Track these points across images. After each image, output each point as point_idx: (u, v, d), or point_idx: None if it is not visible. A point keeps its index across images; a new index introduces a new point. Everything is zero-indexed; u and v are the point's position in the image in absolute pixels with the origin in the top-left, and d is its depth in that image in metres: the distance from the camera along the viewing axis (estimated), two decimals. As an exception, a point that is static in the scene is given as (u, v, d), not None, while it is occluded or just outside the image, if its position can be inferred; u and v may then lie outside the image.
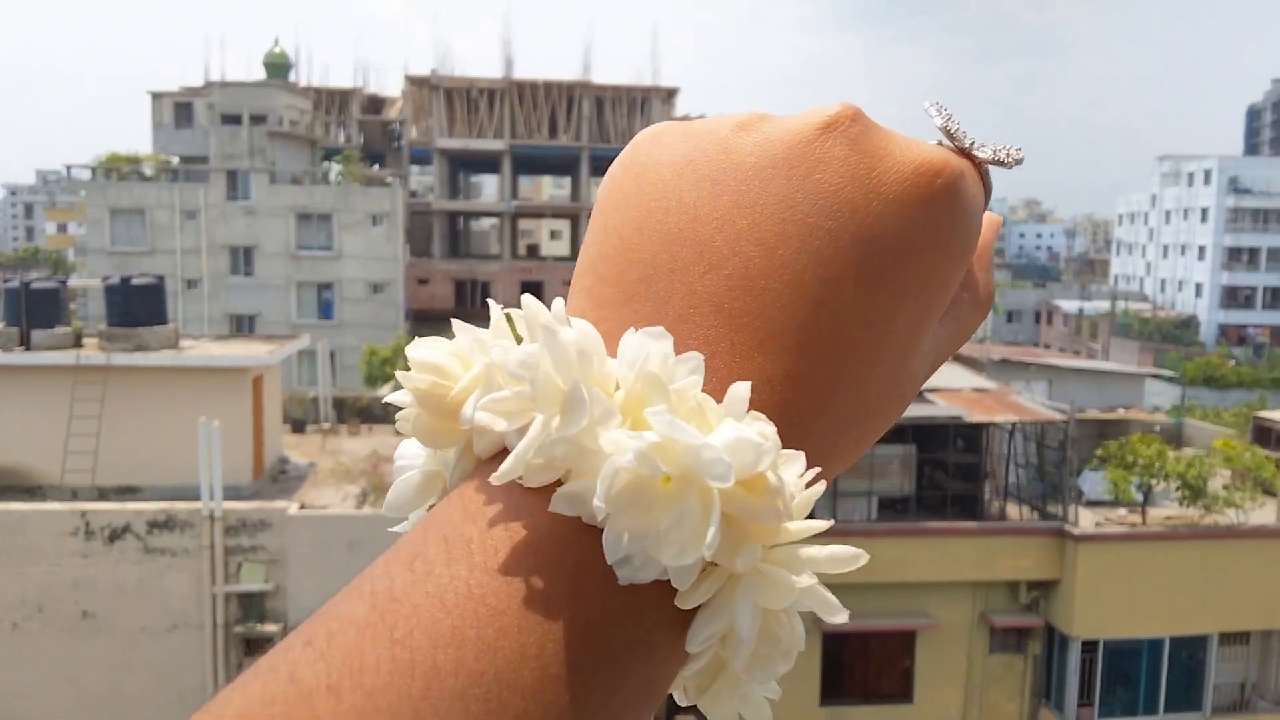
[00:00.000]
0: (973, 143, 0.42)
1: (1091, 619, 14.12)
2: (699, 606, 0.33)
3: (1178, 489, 14.91)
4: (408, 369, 0.37)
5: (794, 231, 0.36)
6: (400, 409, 0.38)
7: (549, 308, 0.35)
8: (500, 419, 0.34)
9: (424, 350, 0.37)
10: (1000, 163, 0.43)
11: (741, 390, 0.32)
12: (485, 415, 0.34)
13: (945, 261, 0.39)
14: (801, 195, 0.37)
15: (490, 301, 0.38)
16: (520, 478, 0.33)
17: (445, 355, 0.37)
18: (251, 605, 11.88)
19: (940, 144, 0.41)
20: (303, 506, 12.42)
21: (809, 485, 0.33)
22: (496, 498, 0.34)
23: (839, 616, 0.34)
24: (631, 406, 0.33)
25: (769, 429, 0.32)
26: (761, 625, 0.34)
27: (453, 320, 0.39)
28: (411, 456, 0.39)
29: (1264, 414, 19.78)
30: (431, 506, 0.38)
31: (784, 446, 0.32)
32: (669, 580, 0.32)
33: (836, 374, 0.36)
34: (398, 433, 0.39)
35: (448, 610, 0.31)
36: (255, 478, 13.68)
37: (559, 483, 0.33)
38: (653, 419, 0.31)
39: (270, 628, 11.73)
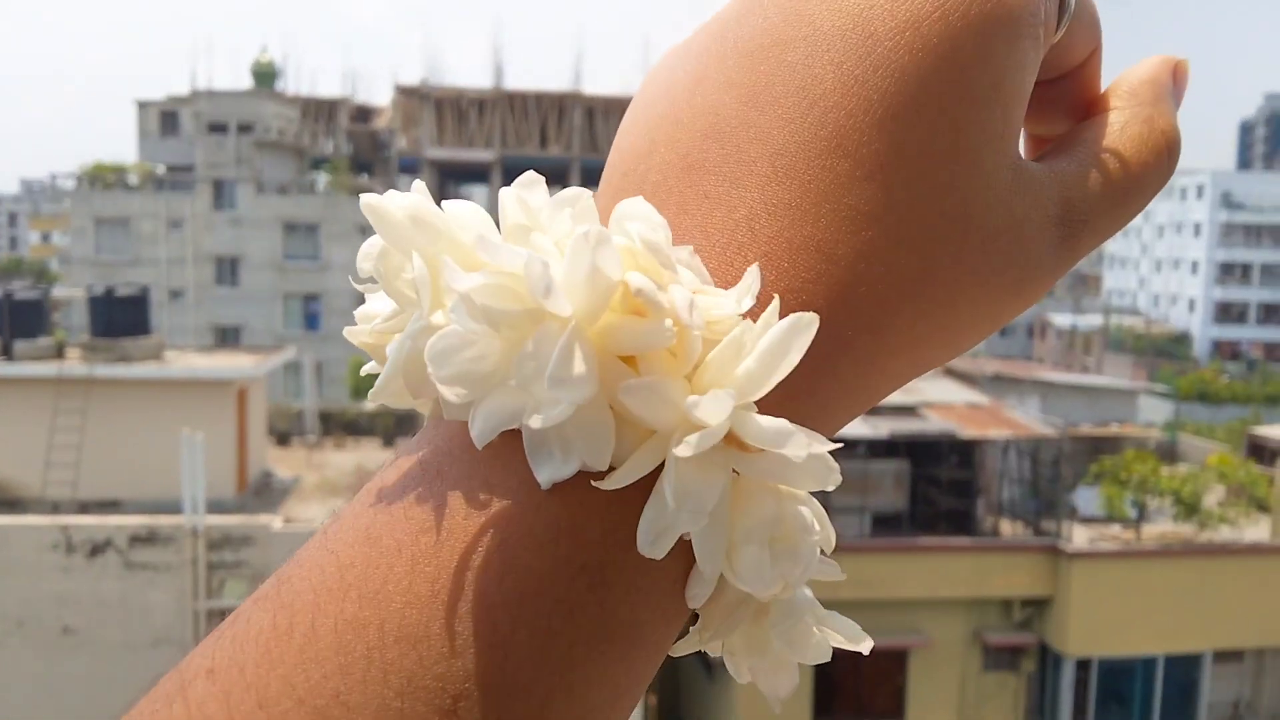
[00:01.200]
0: None
1: (1085, 637, 14.04)
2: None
3: (1172, 505, 14.86)
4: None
5: (768, 55, 0.31)
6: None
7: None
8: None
9: (370, 302, 0.32)
10: None
11: (625, 206, 0.27)
12: (392, 342, 0.29)
13: (966, 34, 0.31)
14: (777, 17, 0.32)
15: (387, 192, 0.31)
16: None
17: (383, 303, 0.32)
18: (234, 622, 11.70)
19: None
20: (287, 521, 12.26)
21: (765, 309, 0.27)
22: (423, 430, 0.30)
23: (793, 445, 0.25)
24: None
25: (639, 226, 0.26)
26: (734, 508, 0.27)
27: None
28: None
29: (1258, 430, 19.75)
30: None
31: (780, 288, 0.28)
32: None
33: (837, 196, 0.30)
34: (384, 445, 0.32)
35: (339, 561, 0.27)
36: (239, 492, 13.58)
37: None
38: (478, 248, 0.25)
39: (253, 645, 11.54)
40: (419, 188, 0.29)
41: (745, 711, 12.98)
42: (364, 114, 39.34)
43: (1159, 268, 59.74)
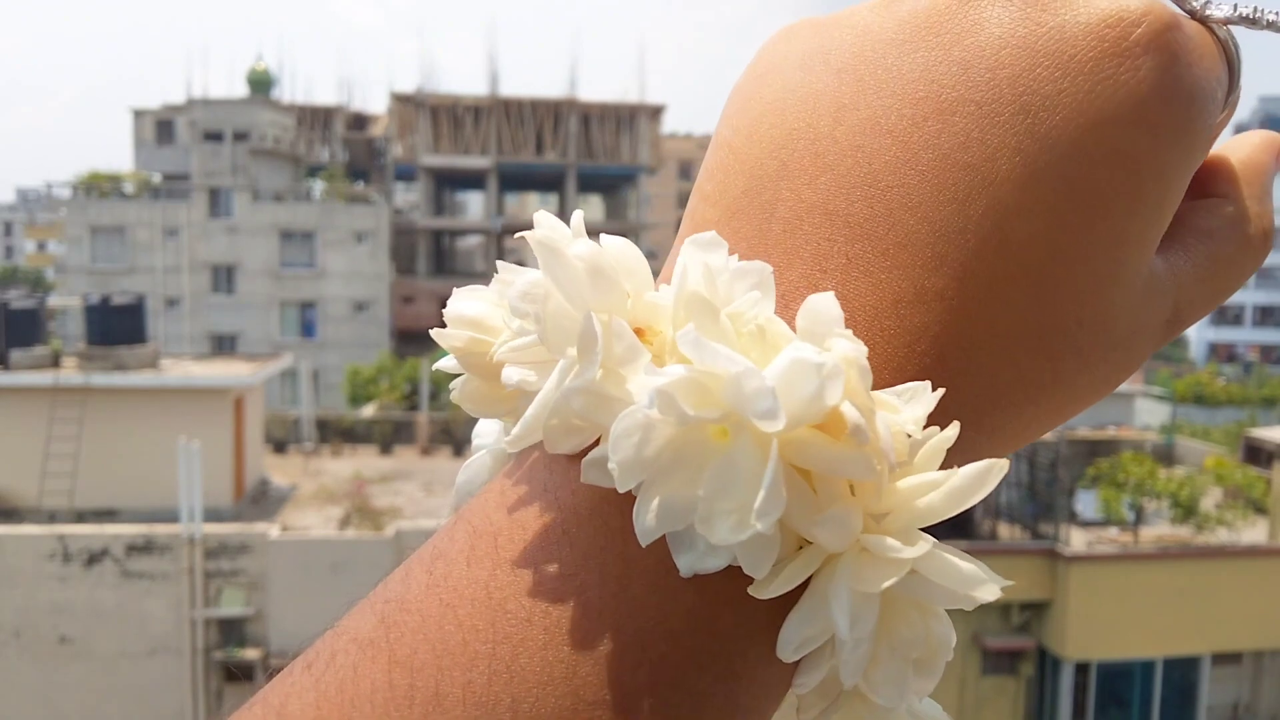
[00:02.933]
0: (1206, 1, 0.32)
1: (1084, 640, 14.03)
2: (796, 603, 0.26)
3: (1169, 508, 14.87)
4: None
5: (933, 110, 0.29)
6: (452, 377, 0.32)
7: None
8: (531, 372, 0.28)
9: (461, 302, 0.31)
10: (1250, 21, 0.32)
11: (820, 304, 0.25)
12: (514, 370, 0.28)
13: (1153, 146, 0.29)
14: (946, 65, 0.29)
15: (540, 215, 0.30)
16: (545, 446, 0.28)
17: (485, 305, 0.31)
18: (232, 630, 11.69)
19: None
20: (284, 529, 12.25)
21: (935, 427, 0.26)
22: (536, 474, 0.28)
23: (983, 591, 0.26)
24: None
25: (849, 346, 0.25)
26: (881, 624, 0.26)
27: (498, 263, 0.32)
28: (487, 434, 0.33)
29: (1254, 432, 19.73)
30: None
31: (915, 380, 0.27)
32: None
33: (990, 294, 0.28)
34: (381, 453, 0.31)
35: (460, 621, 0.26)
36: (236, 500, 13.54)
37: None
38: (681, 343, 0.24)
39: (251, 653, 11.54)
40: (580, 225, 0.28)
41: None
42: (360, 121, 39.35)
43: (1154, 270, 59.61)
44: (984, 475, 0.26)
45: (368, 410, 19.33)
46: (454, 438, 17.74)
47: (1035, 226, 0.28)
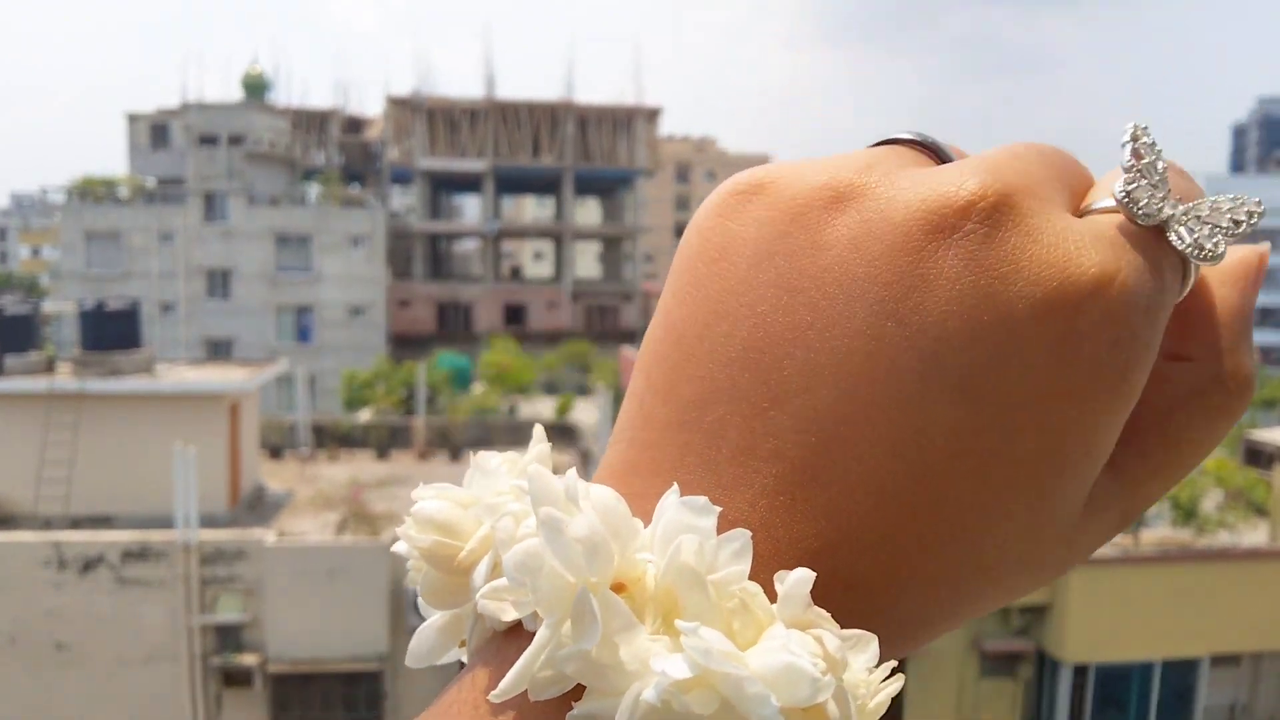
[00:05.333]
0: (1171, 215, 0.30)
1: (1083, 643, 14.01)
2: None
3: (1170, 510, 14.84)
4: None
5: (880, 369, 0.28)
6: (407, 559, 0.33)
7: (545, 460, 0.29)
8: (508, 608, 0.29)
9: (429, 504, 0.32)
10: (1205, 258, 0.31)
11: (801, 582, 0.26)
12: (490, 604, 0.29)
13: (1093, 415, 0.29)
14: (893, 323, 0.28)
15: (537, 427, 0.32)
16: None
17: (453, 510, 0.31)
18: (228, 636, 11.68)
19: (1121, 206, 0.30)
20: (281, 535, 12.22)
21: (885, 679, 0.27)
22: (509, 703, 0.28)
23: None
24: (663, 598, 0.27)
25: (833, 643, 0.26)
26: None
27: (473, 455, 0.33)
28: None
29: (1255, 434, 19.69)
30: (462, 644, 0.32)
31: (853, 625, 0.27)
32: None
33: (920, 547, 0.28)
34: (378, 457, 0.31)
35: None
36: (232, 506, 13.52)
37: (576, 690, 0.27)
38: (686, 642, 0.25)
39: (248, 659, 11.52)
40: (575, 483, 0.28)
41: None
42: (355, 125, 39.31)
43: (1152, 271, 59.58)
44: None
45: (364, 415, 19.29)
46: (451, 442, 17.70)
47: (965, 491, 0.29)
